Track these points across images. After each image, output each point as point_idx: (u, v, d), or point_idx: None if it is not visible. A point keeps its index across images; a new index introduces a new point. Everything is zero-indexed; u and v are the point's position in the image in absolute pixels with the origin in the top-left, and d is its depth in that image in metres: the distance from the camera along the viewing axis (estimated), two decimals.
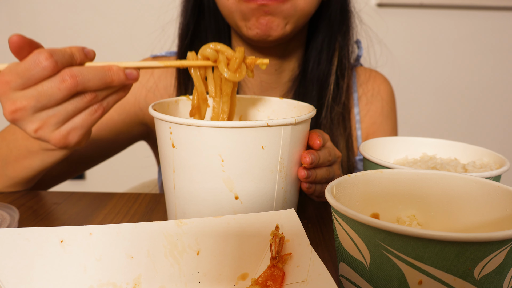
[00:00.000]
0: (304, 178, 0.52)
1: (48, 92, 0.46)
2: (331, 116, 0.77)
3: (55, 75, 0.46)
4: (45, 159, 0.58)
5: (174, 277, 0.38)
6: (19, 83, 0.45)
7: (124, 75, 0.49)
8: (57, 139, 0.49)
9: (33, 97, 0.46)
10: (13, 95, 0.46)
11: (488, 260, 0.29)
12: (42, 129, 0.48)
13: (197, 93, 0.53)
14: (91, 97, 0.48)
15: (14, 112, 0.46)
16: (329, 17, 0.77)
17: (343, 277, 0.36)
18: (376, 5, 1.79)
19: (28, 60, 0.45)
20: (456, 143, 0.59)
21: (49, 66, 0.45)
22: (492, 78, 1.92)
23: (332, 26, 0.77)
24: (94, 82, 0.47)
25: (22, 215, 0.56)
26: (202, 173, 0.46)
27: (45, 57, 0.45)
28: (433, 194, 0.41)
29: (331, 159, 0.56)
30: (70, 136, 0.50)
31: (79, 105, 0.48)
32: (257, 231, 0.39)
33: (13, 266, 0.34)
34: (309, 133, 0.53)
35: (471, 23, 1.85)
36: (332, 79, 0.77)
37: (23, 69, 0.45)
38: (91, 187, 1.93)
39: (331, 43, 0.78)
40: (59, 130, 0.49)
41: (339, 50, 0.78)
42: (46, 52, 0.45)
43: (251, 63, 0.53)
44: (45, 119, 0.47)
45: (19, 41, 0.45)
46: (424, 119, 1.94)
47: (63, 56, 0.46)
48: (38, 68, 0.45)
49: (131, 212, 0.58)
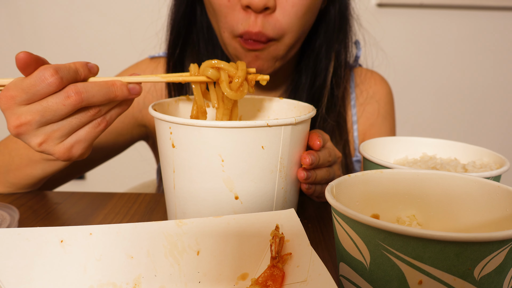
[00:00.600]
0: (303, 179, 0.52)
1: (53, 107, 0.46)
2: (324, 127, 0.76)
3: (60, 91, 0.47)
4: (46, 168, 0.59)
5: (174, 277, 0.38)
6: (24, 98, 0.46)
7: (127, 90, 0.50)
8: (61, 152, 0.49)
9: (38, 112, 0.46)
10: (18, 109, 0.46)
11: (488, 260, 0.29)
12: (46, 143, 0.48)
13: (197, 106, 0.54)
14: (95, 111, 0.49)
15: (19, 127, 0.47)
16: (327, 25, 0.76)
17: (343, 277, 0.36)
18: (376, 5, 1.79)
19: (34, 76, 0.46)
20: (456, 143, 0.59)
21: (54, 83, 0.46)
22: (492, 78, 1.92)
23: (330, 34, 0.76)
24: (98, 98, 0.48)
25: (22, 215, 0.56)
26: (202, 173, 0.46)
27: (51, 74, 0.45)
28: (433, 194, 0.41)
29: (331, 160, 0.56)
30: (73, 149, 0.50)
31: (83, 119, 0.49)
32: (257, 231, 0.39)
33: (13, 266, 0.34)
34: (309, 134, 0.53)
35: (471, 23, 1.85)
36: (326, 90, 0.76)
37: (28, 84, 0.46)
38: (91, 187, 1.93)
39: (327, 52, 0.76)
40: (63, 143, 0.49)
41: (335, 59, 0.77)
42: (51, 68, 0.46)
43: (252, 79, 0.53)
44: (49, 133, 0.48)
45: (26, 58, 0.46)
46: (424, 119, 1.94)
47: (68, 72, 0.47)
48: (43, 84, 0.45)
49: (131, 212, 0.58)
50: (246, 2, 0.61)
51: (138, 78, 0.51)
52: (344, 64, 0.79)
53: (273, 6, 0.62)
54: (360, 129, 0.83)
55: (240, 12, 0.63)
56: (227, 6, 0.63)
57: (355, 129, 0.83)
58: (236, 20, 0.64)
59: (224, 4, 0.64)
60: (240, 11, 0.63)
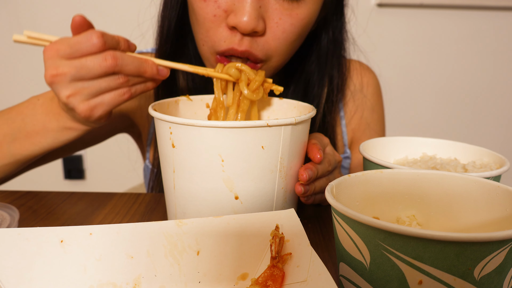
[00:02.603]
0: (301, 194, 0.51)
1: (89, 65, 0.51)
2: None
3: (99, 53, 0.51)
4: (58, 138, 0.60)
5: (174, 277, 0.38)
6: (67, 52, 0.51)
7: (157, 70, 0.55)
8: (84, 109, 0.53)
9: (75, 67, 0.51)
10: (58, 61, 0.51)
11: (488, 260, 0.29)
12: (73, 97, 0.52)
13: (216, 101, 0.58)
14: (124, 80, 0.53)
15: (55, 76, 0.51)
16: (319, 51, 0.72)
17: (343, 277, 0.36)
18: (376, 5, 1.79)
19: (82, 35, 0.51)
20: (456, 143, 0.59)
21: (97, 44, 0.51)
22: (492, 78, 1.92)
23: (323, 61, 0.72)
24: (130, 68, 0.53)
25: (22, 215, 0.56)
26: (202, 173, 0.46)
27: (97, 36, 0.51)
28: (433, 194, 0.41)
29: (331, 169, 0.55)
30: (95, 110, 0.54)
31: (112, 84, 0.53)
32: (257, 231, 0.39)
33: (13, 266, 0.34)
34: (309, 143, 0.52)
35: (471, 23, 1.85)
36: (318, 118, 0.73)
37: (74, 41, 0.51)
38: (91, 187, 1.93)
39: (320, 79, 0.72)
40: (88, 102, 0.53)
41: (328, 84, 0.73)
42: (99, 32, 0.51)
43: (267, 87, 0.59)
44: (79, 89, 0.52)
45: (81, 21, 0.52)
46: (424, 119, 1.94)
47: (111, 40, 0.52)
48: (88, 43, 0.51)
49: (131, 212, 0.58)
50: (233, 23, 0.56)
51: (168, 63, 0.56)
52: (337, 89, 0.75)
53: (261, 30, 0.58)
54: (348, 123, 0.82)
55: (225, 30, 0.59)
56: (211, 21, 0.59)
57: (343, 124, 0.81)
58: (219, 37, 0.59)
59: (208, 19, 0.59)
60: (225, 28, 0.59)
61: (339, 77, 0.75)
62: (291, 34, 0.61)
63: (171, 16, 0.69)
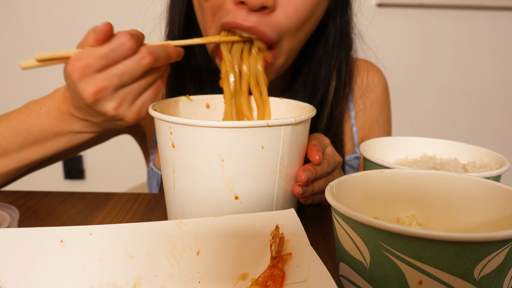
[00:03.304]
0: (299, 195, 0.50)
1: (130, 69, 0.49)
2: None
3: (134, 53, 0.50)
4: (70, 141, 0.60)
5: (174, 277, 0.38)
6: (101, 64, 0.48)
7: (177, 52, 0.54)
8: (133, 114, 0.52)
9: (116, 76, 0.49)
10: (94, 77, 0.48)
11: (488, 260, 0.29)
12: (121, 107, 0.51)
13: (224, 61, 0.58)
14: (159, 73, 0.53)
15: (97, 93, 0.49)
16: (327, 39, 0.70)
17: (343, 277, 0.36)
18: (376, 5, 1.79)
19: (113, 42, 0.49)
20: (456, 143, 0.59)
21: (133, 46, 0.49)
22: (492, 78, 1.92)
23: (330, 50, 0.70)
24: (163, 58, 0.52)
25: (22, 215, 0.56)
26: (202, 173, 0.46)
27: (129, 38, 0.49)
28: (433, 194, 0.41)
29: (330, 170, 0.55)
30: (141, 111, 0.53)
31: (150, 80, 0.52)
32: (257, 231, 0.39)
33: (13, 266, 0.34)
34: (309, 144, 0.52)
35: (471, 23, 1.85)
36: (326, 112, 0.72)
37: (108, 50, 0.48)
38: (91, 187, 1.93)
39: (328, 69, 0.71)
40: (133, 106, 0.52)
41: (336, 78, 0.72)
42: (127, 33, 0.49)
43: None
44: (123, 96, 0.51)
45: (109, 29, 0.48)
46: (424, 119, 1.94)
47: (137, 37, 0.50)
48: (124, 48, 0.48)
49: (131, 212, 0.58)
50: None
51: (180, 42, 0.55)
52: (344, 84, 0.74)
53: (271, 5, 0.54)
54: (358, 123, 0.81)
55: (231, 4, 0.56)
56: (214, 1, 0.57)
57: (354, 124, 0.81)
58: (223, 12, 0.56)
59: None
60: (231, 4, 0.56)
61: (347, 71, 0.74)
62: (304, 12, 0.57)
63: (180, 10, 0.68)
